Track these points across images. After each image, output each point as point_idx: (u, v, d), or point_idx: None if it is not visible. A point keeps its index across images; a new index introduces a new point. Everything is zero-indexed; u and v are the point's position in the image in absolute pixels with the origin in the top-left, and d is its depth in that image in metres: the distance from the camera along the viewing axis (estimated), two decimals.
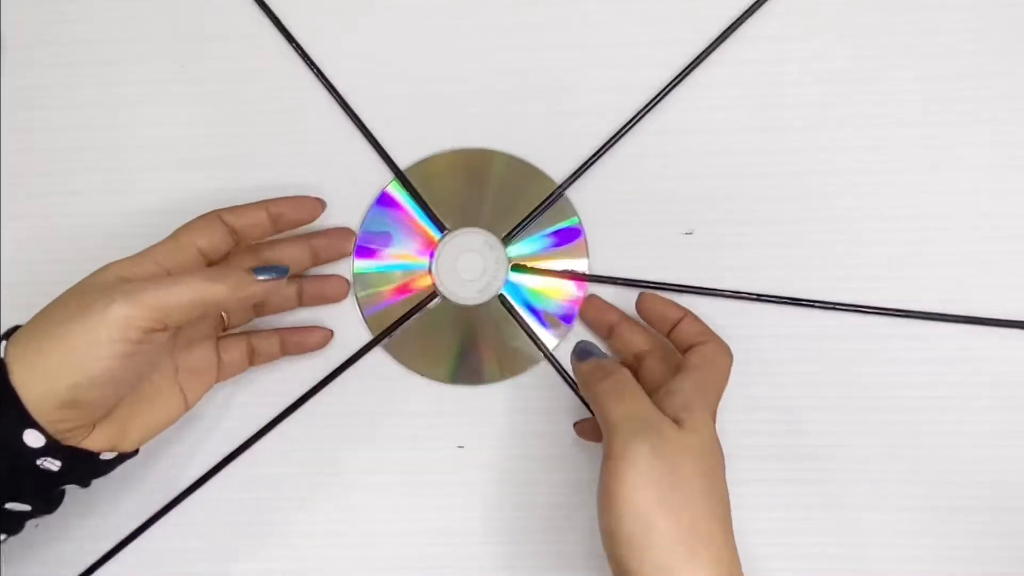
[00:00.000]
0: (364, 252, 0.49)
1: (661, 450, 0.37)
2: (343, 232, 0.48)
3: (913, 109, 0.48)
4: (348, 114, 0.49)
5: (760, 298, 0.48)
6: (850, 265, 0.48)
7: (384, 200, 0.49)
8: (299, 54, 0.50)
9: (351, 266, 0.49)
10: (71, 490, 0.41)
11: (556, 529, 0.47)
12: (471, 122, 0.49)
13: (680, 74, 0.48)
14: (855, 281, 0.48)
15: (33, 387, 0.37)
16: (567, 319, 0.48)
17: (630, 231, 0.48)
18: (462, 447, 0.48)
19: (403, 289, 0.49)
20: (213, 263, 0.43)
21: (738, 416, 0.47)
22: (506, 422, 0.48)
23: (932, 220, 0.48)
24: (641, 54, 0.49)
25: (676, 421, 0.39)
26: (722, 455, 0.39)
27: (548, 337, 0.48)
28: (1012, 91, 0.48)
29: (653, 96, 0.48)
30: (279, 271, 0.42)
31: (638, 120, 0.48)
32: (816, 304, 0.47)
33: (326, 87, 0.49)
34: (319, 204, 0.46)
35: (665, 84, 0.48)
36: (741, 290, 0.48)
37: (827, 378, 0.47)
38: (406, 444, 0.48)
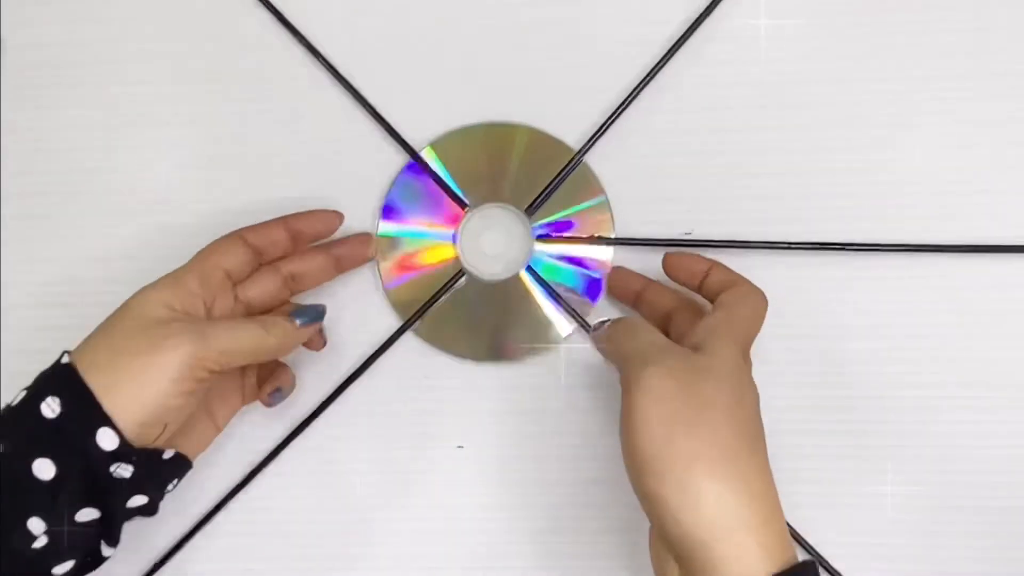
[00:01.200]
0: (390, 213, 0.48)
1: (674, 372, 0.37)
2: (362, 238, 0.48)
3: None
4: (359, 101, 0.49)
5: (791, 247, 0.47)
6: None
7: (406, 175, 0.49)
8: (303, 45, 0.49)
9: (375, 229, 0.48)
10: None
11: (558, 530, 0.47)
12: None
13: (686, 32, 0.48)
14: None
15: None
16: (595, 287, 0.48)
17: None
18: (462, 447, 0.48)
19: (427, 259, 0.48)
20: (238, 283, 0.43)
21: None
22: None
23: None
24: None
25: (694, 348, 0.38)
26: (754, 387, 0.38)
27: (577, 308, 0.47)
28: None
29: (664, 53, 0.48)
30: (317, 315, 0.44)
31: (650, 80, 0.48)
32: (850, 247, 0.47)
33: (333, 75, 0.49)
34: (336, 217, 0.46)
35: (674, 41, 0.48)
36: (772, 240, 0.47)
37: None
38: (406, 444, 0.48)
